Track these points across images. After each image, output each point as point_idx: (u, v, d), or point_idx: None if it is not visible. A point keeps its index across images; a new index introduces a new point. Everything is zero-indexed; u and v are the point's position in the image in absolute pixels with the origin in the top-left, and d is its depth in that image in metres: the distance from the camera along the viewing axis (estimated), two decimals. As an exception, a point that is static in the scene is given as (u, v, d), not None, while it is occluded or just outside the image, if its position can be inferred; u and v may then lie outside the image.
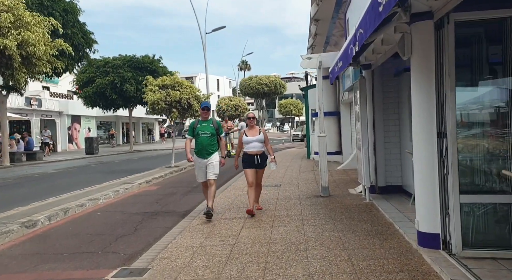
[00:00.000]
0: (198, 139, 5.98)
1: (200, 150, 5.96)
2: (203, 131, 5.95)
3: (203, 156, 5.96)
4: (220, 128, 6.15)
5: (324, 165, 7.32)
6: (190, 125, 6.17)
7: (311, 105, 16.17)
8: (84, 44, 16.92)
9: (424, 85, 3.90)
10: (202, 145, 5.93)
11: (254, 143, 6.06)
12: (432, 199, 3.85)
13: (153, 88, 12.96)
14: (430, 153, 3.88)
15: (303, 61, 7.37)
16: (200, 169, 6.02)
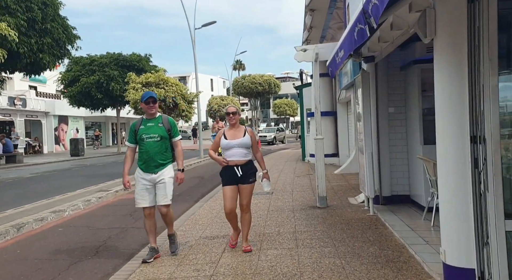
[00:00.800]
0: (142, 146, 4.21)
1: (146, 162, 4.17)
2: (149, 134, 4.18)
3: (151, 170, 4.17)
4: (174, 129, 4.34)
5: (321, 172, 6.42)
6: (130, 128, 4.31)
7: (306, 104, 15.32)
8: (66, 40, 15.88)
9: (452, 74, 3.01)
10: (148, 155, 4.16)
11: (236, 150, 4.23)
12: (464, 224, 2.96)
13: (136, 85, 12.04)
14: (460, 163, 2.99)
15: (297, 53, 6.47)
16: (145, 189, 4.18)
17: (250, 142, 4.31)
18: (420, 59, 5.60)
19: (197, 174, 12.50)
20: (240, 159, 4.25)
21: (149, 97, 4.21)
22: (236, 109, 4.40)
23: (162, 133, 4.23)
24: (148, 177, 4.19)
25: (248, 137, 4.32)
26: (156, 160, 4.20)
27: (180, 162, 4.34)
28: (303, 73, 18.18)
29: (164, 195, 4.21)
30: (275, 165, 14.03)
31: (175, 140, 4.35)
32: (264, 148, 25.68)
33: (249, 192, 4.38)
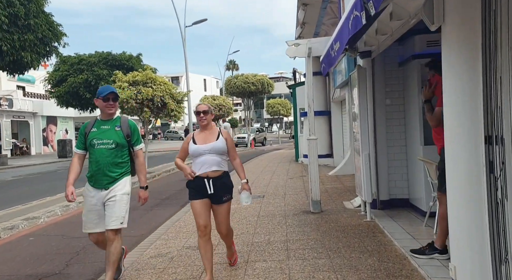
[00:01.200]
0: (92, 155, 3.37)
1: (95, 175, 3.34)
2: (102, 139, 3.35)
3: (100, 185, 3.33)
4: (135, 135, 3.48)
5: (314, 175, 6.02)
6: (80, 130, 3.53)
7: (299, 104, 14.95)
8: (52, 37, 15.31)
9: (463, 66, 2.63)
10: (98, 165, 3.32)
11: (207, 157, 3.41)
12: (478, 237, 2.58)
13: (122, 84, 11.52)
14: (472, 167, 2.60)
15: (289, 48, 6.08)
16: (94, 210, 3.35)
17: (225, 147, 3.50)
18: (420, 54, 5.23)
19: (187, 176, 12.06)
20: (212, 169, 3.39)
21: (109, 93, 3.37)
22: (208, 107, 3.61)
23: (119, 139, 3.37)
24: (97, 194, 3.33)
25: (223, 141, 3.50)
26: (107, 173, 3.31)
27: (143, 177, 3.51)
28: (296, 72, 17.81)
29: (113, 216, 3.28)
30: (268, 166, 13.64)
31: (136, 149, 3.49)
32: (256, 149, 25.31)
33: (226, 214, 3.56)
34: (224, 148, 3.50)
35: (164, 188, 9.75)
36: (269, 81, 28.34)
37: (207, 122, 3.56)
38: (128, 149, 3.48)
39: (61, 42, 15.79)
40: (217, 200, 3.47)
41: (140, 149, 3.55)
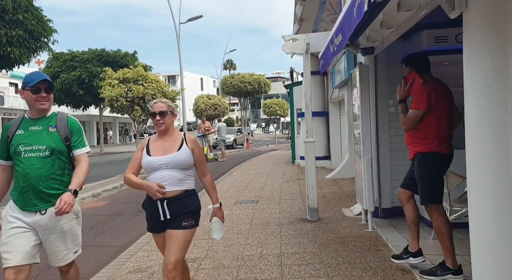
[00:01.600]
0: (18, 165, 2.52)
1: (23, 192, 2.47)
2: (31, 144, 2.51)
3: (32, 207, 2.47)
4: (78, 136, 2.65)
5: (312, 180, 5.60)
6: (1, 133, 2.65)
7: (296, 104, 14.55)
8: (42, 32, 14.81)
9: (488, 54, 2.21)
10: (28, 180, 2.46)
11: (164, 172, 2.60)
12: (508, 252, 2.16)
13: (112, 82, 11.09)
14: (499, 168, 2.19)
15: (285, 44, 5.65)
16: (18, 231, 2.45)
17: (189, 160, 2.64)
18: (427, 51, 4.81)
19: (179, 178, 11.61)
20: (173, 187, 2.57)
21: (40, 81, 2.51)
22: (167, 106, 2.72)
23: (55, 143, 2.51)
24: (27, 218, 2.45)
25: (187, 152, 2.64)
26: (42, 191, 2.44)
27: (78, 181, 2.49)
28: (294, 72, 17.40)
29: (63, 251, 2.53)
30: (263, 167, 13.22)
31: (78, 153, 2.59)
32: (253, 149, 24.88)
33: (181, 243, 2.56)
34: (188, 161, 2.63)
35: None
36: (266, 80, 27.92)
37: (166, 126, 2.68)
38: (67, 157, 2.59)
39: (50, 38, 15.27)
40: (174, 224, 2.57)
41: (84, 154, 2.62)
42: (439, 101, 3.30)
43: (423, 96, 3.29)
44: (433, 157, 3.30)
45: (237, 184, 9.53)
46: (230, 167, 13.76)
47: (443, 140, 3.30)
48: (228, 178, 10.64)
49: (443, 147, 3.31)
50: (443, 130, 3.31)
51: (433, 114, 3.28)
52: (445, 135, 3.32)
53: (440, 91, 3.39)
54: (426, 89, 3.33)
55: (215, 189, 2.89)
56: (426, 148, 3.32)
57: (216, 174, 12.15)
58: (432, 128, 3.30)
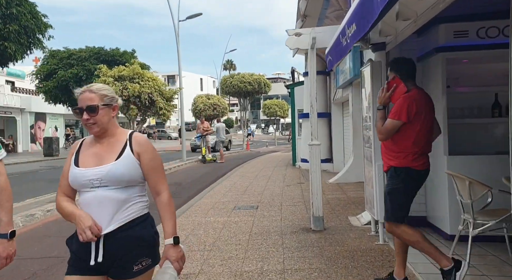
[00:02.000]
0: None
1: None
2: None
3: None
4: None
5: (317, 187, 5.18)
6: None
7: (297, 105, 14.13)
8: (35, 28, 14.40)
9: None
10: None
11: (97, 193, 1.77)
12: None
13: (107, 79, 10.66)
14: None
15: (289, 39, 5.23)
16: None
17: (134, 172, 1.82)
18: (446, 46, 4.41)
19: (175, 180, 11.17)
20: (106, 219, 1.75)
21: None
22: (99, 97, 1.86)
23: None
24: None
25: (130, 160, 1.82)
26: None
27: (6, 215, 1.88)
28: (295, 72, 17.00)
29: None
30: (263, 170, 12.80)
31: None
32: (252, 151, 24.43)
33: None
34: (130, 175, 1.79)
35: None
36: (266, 81, 27.50)
37: (99, 127, 1.84)
38: None
39: (45, 34, 14.86)
40: (120, 272, 1.77)
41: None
42: (419, 113, 3.04)
43: (404, 106, 3.04)
44: (405, 173, 3.06)
45: (236, 187, 9.10)
46: (228, 169, 13.34)
47: (419, 156, 3.06)
48: (227, 181, 10.21)
49: (419, 162, 3.06)
50: (421, 145, 3.07)
51: (411, 126, 3.04)
52: (422, 150, 3.08)
53: (422, 102, 3.09)
54: (408, 99, 3.07)
55: (173, 214, 1.90)
56: (399, 163, 3.08)
57: (214, 176, 11.73)
58: (408, 141, 3.06)
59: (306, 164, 13.19)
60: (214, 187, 9.27)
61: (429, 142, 3.16)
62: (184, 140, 16.97)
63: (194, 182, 10.65)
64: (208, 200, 7.54)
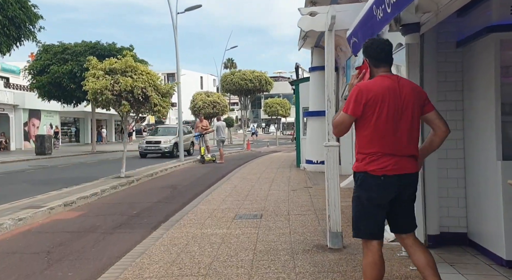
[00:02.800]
0: None
1: None
2: None
3: None
4: None
5: (334, 197, 4.34)
6: None
7: (302, 102, 13.28)
8: (25, 19, 13.54)
9: None
10: None
11: None
12: None
13: (97, 73, 9.80)
14: None
15: (303, 19, 4.38)
16: None
17: None
18: (501, 25, 3.55)
19: (170, 182, 10.32)
20: None
21: None
22: None
23: None
24: None
25: None
26: None
27: None
28: (299, 68, 16.16)
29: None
30: (266, 171, 11.94)
31: None
32: (253, 150, 23.54)
33: None
34: None
35: (138, 198, 8.02)
36: (267, 78, 26.61)
37: None
38: None
39: (36, 25, 13.99)
40: None
41: None
42: (372, 106, 2.56)
43: (351, 97, 2.63)
44: (361, 179, 2.63)
45: (237, 192, 8.25)
46: (228, 171, 12.49)
47: (377, 157, 2.56)
48: (227, 184, 9.36)
49: (375, 166, 2.56)
50: (378, 144, 2.56)
51: (364, 122, 2.60)
52: (381, 151, 2.57)
53: (378, 92, 2.56)
54: (356, 89, 2.63)
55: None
56: (356, 166, 2.67)
57: (213, 178, 10.88)
58: (362, 140, 2.63)
59: (312, 165, 12.40)
60: (213, 191, 8.42)
61: (399, 141, 2.58)
62: (182, 139, 16.13)
63: (190, 185, 9.79)
64: (206, 207, 6.69)
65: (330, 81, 4.36)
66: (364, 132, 2.62)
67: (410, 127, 2.61)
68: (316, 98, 12.01)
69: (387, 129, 2.56)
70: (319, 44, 11.69)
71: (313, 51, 12.26)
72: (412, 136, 2.63)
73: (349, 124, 2.67)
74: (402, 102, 2.59)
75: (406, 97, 2.60)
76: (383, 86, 2.60)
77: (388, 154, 2.57)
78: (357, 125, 2.67)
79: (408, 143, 2.60)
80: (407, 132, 2.60)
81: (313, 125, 12.00)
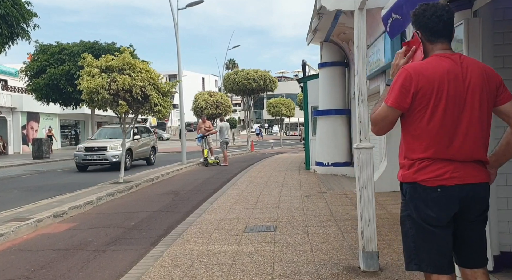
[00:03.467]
0: None
1: None
2: None
3: None
4: None
5: (369, 209, 3.60)
6: None
7: (311, 101, 12.59)
8: (18, 17, 12.88)
9: None
10: None
11: None
12: None
13: (92, 71, 9.11)
14: None
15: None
16: None
17: None
18: None
19: (172, 187, 9.61)
20: None
21: None
22: None
23: None
24: None
25: None
26: None
27: None
28: (306, 65, 15.45)
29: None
30: (273, 175, 11.21)
31: None
32: (257, 152, 22.75)
33: None
34: None
35: (137, 207, 7.30)
36: (271, 77, 25.88)
37: None
38: None
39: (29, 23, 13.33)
40: None
41: None
42: (426, 96, 1.90)
43: (396, 84, 1.96)
44: (410, 193, 1.99)
45: (245, 198, 7.53)
46: (234, 174, 11.78)
47: (429, 163, 1.92)
48: (233, 189, 8.64)
49: (427, 175, 1.92)
50: (434, 146, 1.92)
51: (413, 116, 1.95)
52: (435, 154, 1.92)
53: (434, 77, 1.89)
54: (402, 74, 1.95)
55: None
56: (402, 175, 2.03)
57: (218, 182, 10.17)
58: (410, 141, 1.99)
59: (322, 168, 11.69)
60: (218, 197, 7.70)
61: (461, 142, 1.92)
62: (184, 140, 15.44)
63: (194, 191, 9.08)
64: (211, 217, 5.98)
65: (362, 70, 3.63)
66: (413, 131, 1.96)
67: (477, 123, 1.94)
68: (326, 96, 11.33)
69: (445, 127, 1.92)
70: (329, 39, 11.00)
71: (322, 46, 11.56)
72: (479, 136, 1.95)
73: (393, 120, 1.99)
74: (466, 90, 1.92)
75: (472, 83, 1.93)
76: (440, 69, 1.92)
77: (445, 159, 1.91)
78: (403, 121, 2.00)
79: (473, 145, 1.93)
80: (473, 131, 1.93)
81: (323, 125, 11.31)
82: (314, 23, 9.47)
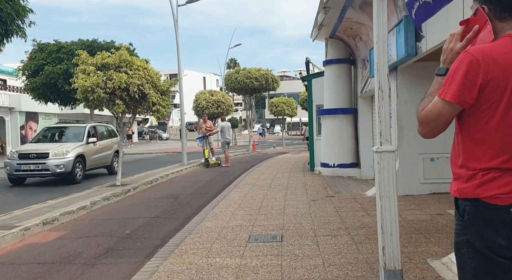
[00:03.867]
0: None
1: None
2: None
3: None
4: None
5: (391, 221, 3.16)
6: None
7: (316, 99, 12.16)
8: (13, 13, 12.44)
9: None
10: None
11: None
12: None
13: (87, 68, 8.69)
14: None
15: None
16: None
17: None
18: None
19: (171, 191, 9.18)
20: None
21: None
22: None
23: None
24: None
25: None
26: None
27: None
28: (310, 63, 15.03)
29: None
30: (277, 176, 10.78)
31: None
32: (259, 152, 22.30)
33: None
34: None
35: (133, 213, 6.88)
36: (274, 76, 25.43)
37: None
38: None
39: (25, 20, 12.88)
40: None
41: None
42: (498, 89, 1.43)
43: (457, 74, 1.47)
44: (471, 212, 1.50)
45: (247, 202, 7.10)
46: (236, 176, 11.35)
47: (498, 175, 1.46)
48: (235, 193, 8.21)
49: (497, 190, 1.45)
50: (506, 155, 1.45)
51: (478, 113, 1.48)
52: (508, 164, 1.45)
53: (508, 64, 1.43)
54: (467, 60, 1.46)
55: None
56: (459, 189, 1.54)
57: (219, 185, 9.74)
58: (473, 147, 1.52)
59: (328, 169, 11.24)
60: (219, 201, 7.28)
61: None
62: (185, 141, 15.03)
63: (194, 194, 8.66)
64: (212, 224, 5.55)
65: (382, 63, 3.21)
66: (476, 134, 1.51)
67: None
68: (332, 94, 10.90)
69: None
70: (334, 35, 10.56)
71: (327, 43, 11.12)
72: None
73: (450, 118, 1.53)
74: None
75: None
76: None
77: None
78: (462, 120, 1.54)
79: None
80: None
81: (328, 124, 10.88)
82: (320, 17, 9.03)
